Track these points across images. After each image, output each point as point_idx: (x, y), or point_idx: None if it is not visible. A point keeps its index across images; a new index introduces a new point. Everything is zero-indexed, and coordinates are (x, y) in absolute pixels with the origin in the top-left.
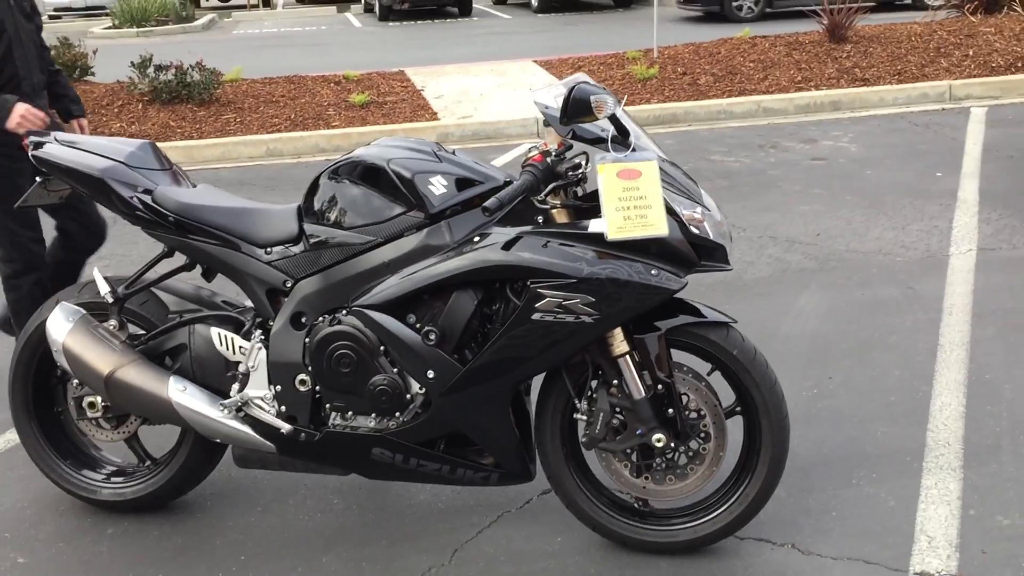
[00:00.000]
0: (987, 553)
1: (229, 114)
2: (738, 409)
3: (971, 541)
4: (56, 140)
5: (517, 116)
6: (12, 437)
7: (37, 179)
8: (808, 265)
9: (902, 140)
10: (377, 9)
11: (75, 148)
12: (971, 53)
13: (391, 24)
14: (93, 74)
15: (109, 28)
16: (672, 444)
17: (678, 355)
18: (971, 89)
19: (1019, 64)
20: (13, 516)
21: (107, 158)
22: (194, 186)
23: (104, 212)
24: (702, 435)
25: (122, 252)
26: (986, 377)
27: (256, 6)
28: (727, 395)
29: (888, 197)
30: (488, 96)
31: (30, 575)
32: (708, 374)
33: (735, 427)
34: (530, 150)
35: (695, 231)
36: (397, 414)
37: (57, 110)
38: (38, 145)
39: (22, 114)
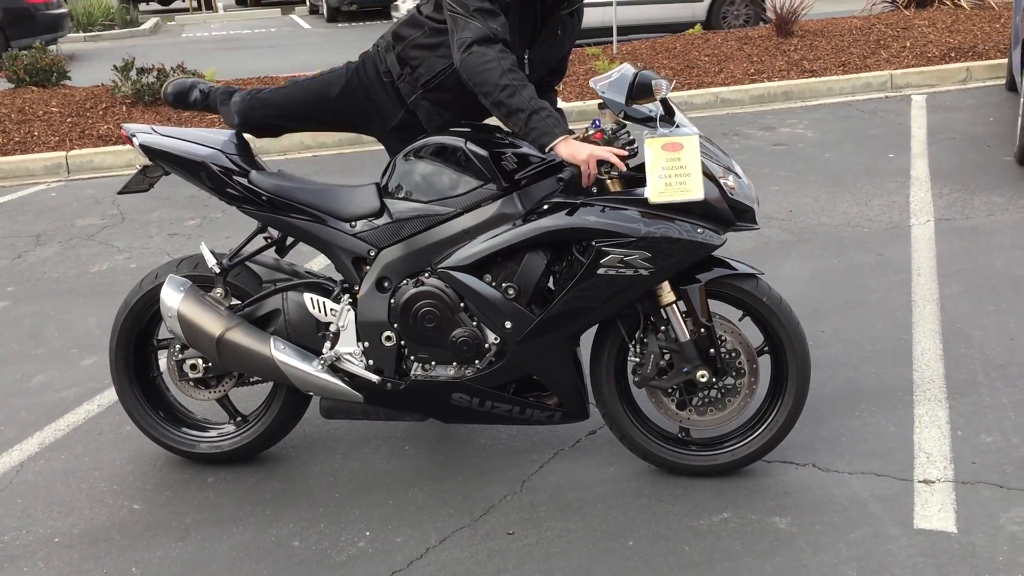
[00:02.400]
0: (976, 463)
1: (213, 115)
2: (766, 349)
3: (962, 455)
4: (156, 131)
5: None
6: (90, 409)
7: (138, 166)
8: (786, 238)
9: (853, 126)
10: (324, 10)
11: (178, 138)
12: (908, 45)
13: (340, 25)
14: (69, 78)
15: None
16: (713, 379)
17: (713, 304)
18: (910, 78)
19: (952, 54)
20: (115, 471)
21: (207, 146)
22: (275, 171)
23: None
24: (738, 371)
25: (140, 245)
26: (957, 326)
27: (198, 9)
28: (755, 338)
29: (848, 177)
30: None
31: (149, 518)
32: (740, 319)
33: (764, 364)
34: (587, 130)
35: (731, 195)
36: (476, 362)
37: None
38: (140, 135)
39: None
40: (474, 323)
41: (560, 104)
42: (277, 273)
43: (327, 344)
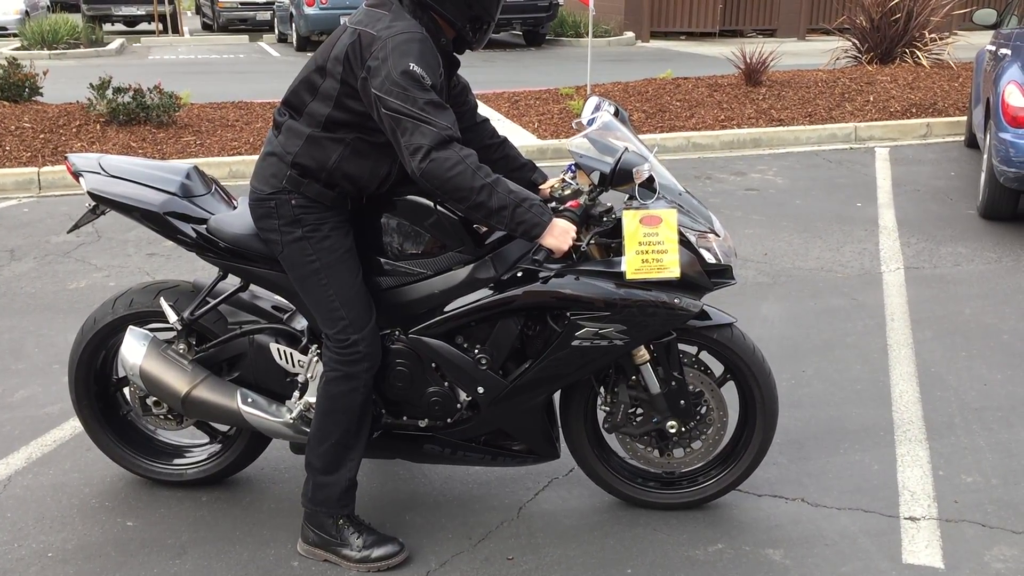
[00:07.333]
0: (958, 502)
1: (188, 136)
2: (728, 377)
3: (944, 494)
4: (103, 168)
5: None
6: (76, 425)
7: (87, 205)
8: (763, 280)
9: (821, 175)
10: (294, 39)
11: (128, 181)
12: (872, 99)
13: (310, 54)
14: (42, 94)
15: (18, 49)
16: (683, 429)
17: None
18: (874, 131)
19: (913, 110)
20: (105, 488)
21: (161, 191)
22: (235, 204)
23: None
24: (705, 410)
25: (118, 264)
26: (932, 370)
27: (164, 32)
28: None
29: (819, 223)
30: None
31: (143, 535)
32: (697, 353)
33: (730, 394)
34: (562, 177)
35: (710, 260)
36: (448, 419)
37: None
38: (88, 176)
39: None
40: (445, 383)
41: (536, 141)
42: (242, 313)
43: (295, 394)
